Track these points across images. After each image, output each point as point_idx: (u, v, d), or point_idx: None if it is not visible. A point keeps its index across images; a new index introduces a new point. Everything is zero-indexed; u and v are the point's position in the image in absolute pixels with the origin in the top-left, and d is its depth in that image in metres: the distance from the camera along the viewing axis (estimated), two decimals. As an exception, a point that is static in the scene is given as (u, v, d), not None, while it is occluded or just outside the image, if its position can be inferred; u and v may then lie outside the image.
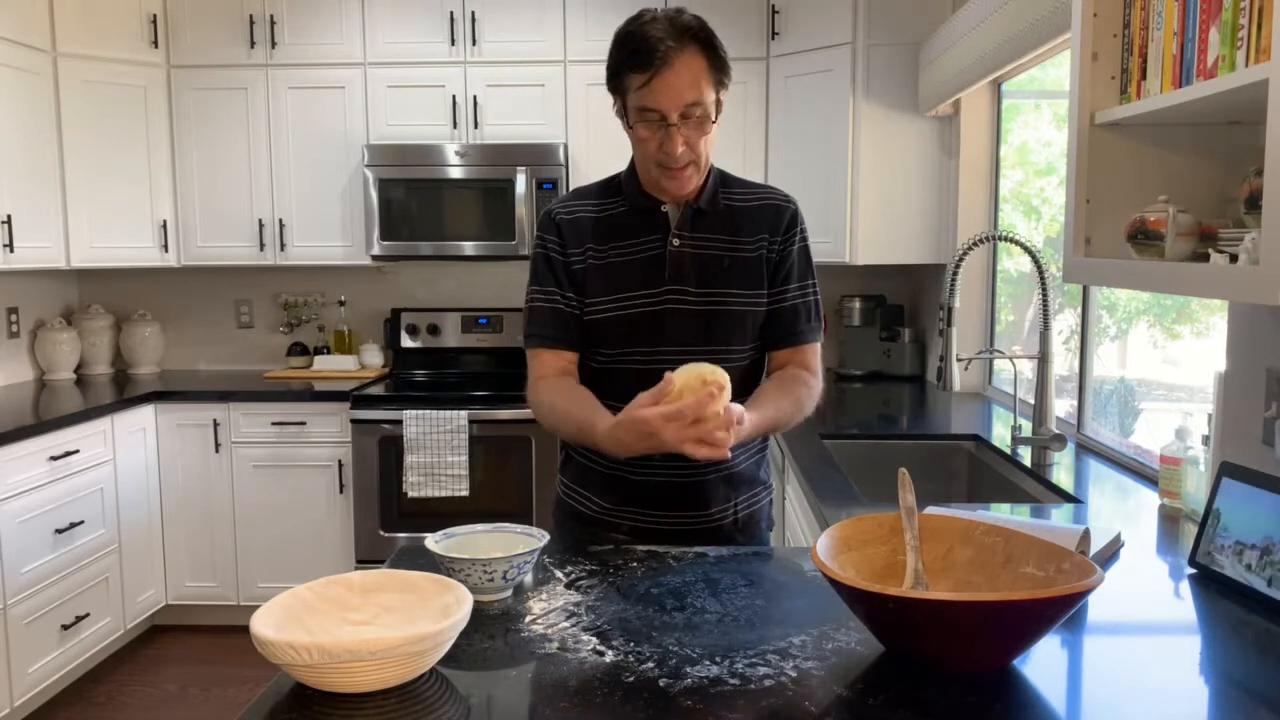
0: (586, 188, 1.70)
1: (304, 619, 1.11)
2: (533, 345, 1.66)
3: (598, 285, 1.61)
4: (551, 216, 1.66)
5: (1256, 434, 1.66)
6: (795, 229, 1.66)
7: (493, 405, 3.59)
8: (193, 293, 4.31)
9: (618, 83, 1.53)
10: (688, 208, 1.61)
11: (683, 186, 1.57)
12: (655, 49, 1.45)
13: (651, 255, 1.61)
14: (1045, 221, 3.22)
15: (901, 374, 3.81)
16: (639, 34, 1.48)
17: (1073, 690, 1.05)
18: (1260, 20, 1.19)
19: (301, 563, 3.72)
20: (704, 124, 1.51)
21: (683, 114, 1.49)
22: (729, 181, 1.68)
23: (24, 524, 2.98)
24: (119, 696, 3.26)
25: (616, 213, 1.64)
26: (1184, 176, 1.59)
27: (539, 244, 1.66)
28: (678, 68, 1.46)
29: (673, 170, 1.54)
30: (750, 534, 1.72)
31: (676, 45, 1.46)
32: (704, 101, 1.49)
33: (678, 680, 1.06)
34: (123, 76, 3.77)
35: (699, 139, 1.52)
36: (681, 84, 1.47)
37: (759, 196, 1.67)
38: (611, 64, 1.53)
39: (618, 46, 1.52)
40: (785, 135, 3.73)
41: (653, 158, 1.54)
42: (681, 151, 1.51)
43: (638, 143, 1.55)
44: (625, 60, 1.49)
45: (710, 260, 1.61)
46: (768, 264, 1.64)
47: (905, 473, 1.27)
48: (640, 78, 1.47)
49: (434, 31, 3.82)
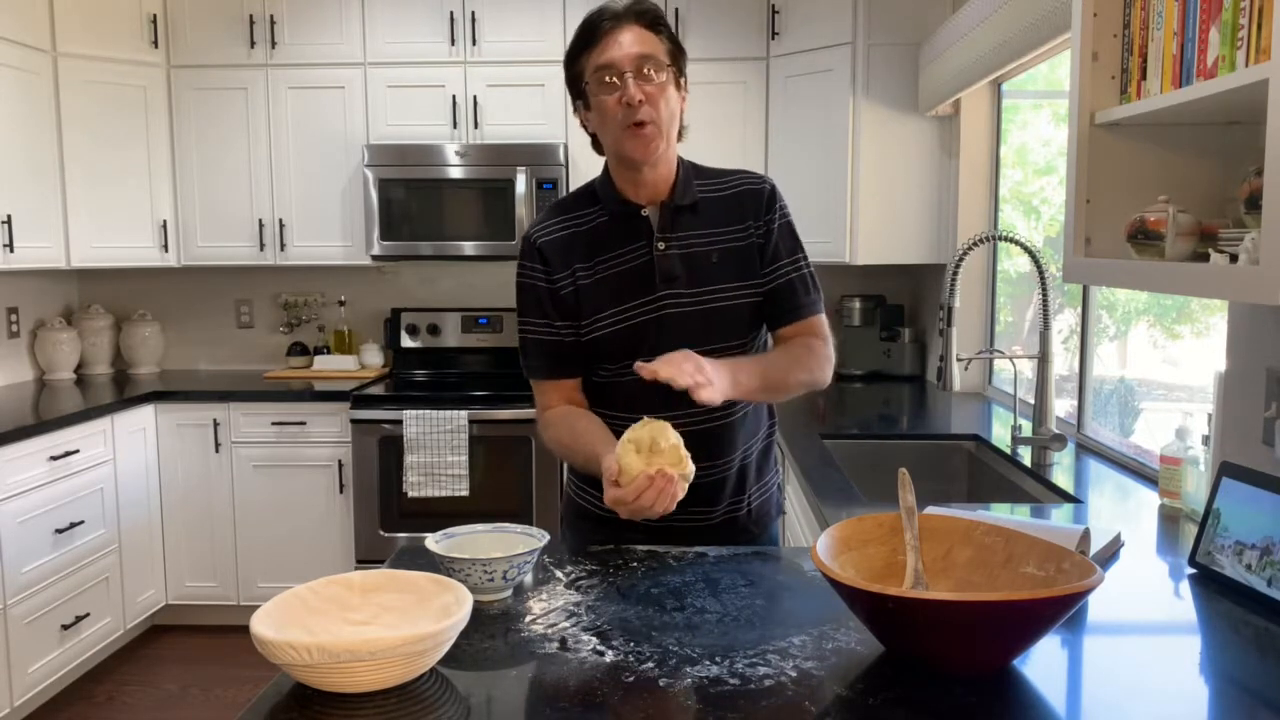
0: (561, 201, 1.69)
1: (304, 619, 1.11)
2: (534, 376, 1.67)
3: (592, 303, 1.60)
4: (532, 242, 1.64)
5: (1256, 434, 1.66)
6: (775, 207, 1.65)
7: (493, 405, 3.59)
8: (193, 293, 4.31)
9: (575, 69, 1.57)
10: (666, 208, 1.60)
11: (648, 150, 1.54)
12: (602, 19, 1.53)
13: (639, 263, 1.59)
14: (1045, 221, 3.22)
15: (901, 374, 3.81)
16: (588, 18, 1.56)
17: (1073, 690, 1.05)
18: (1260, 20, 1.19)
19: (301, 563, 3.72)
20: (660, 80, 1.52)
21: (637, 69, 1.50)
22: (701, 173, 1.67)
23: (24, 524, 2.98)
24: (119, 696, 3.26)
25: (597, 224, 1.63)
26: (1184, 176, 1.59)
27: (523, 273, 1.64)
28: (625, 31, 1.52)
29: (635, 128, 1.52)
30: (763, 524, 1.73)
31: (622, 18, 1.53)
32: (656, 55, 1.52)
33: (678, 680, 1.06)
34: (123, 76, 3.77)
35: (658, 94, 1.52)
36: (629, 40, 1.51)
37: (733, 183, 1.66)
38: (568, 56, 1.58)
39: (572, 40, 1.58)
40: (785, 135, 3.73)
41: (614, 118, 1.53)
42: (640, 100, 1.50)
43: (600, 113, 1.55)
44: (576, 43, 1.56)
45: (698, 258, 1.60)
46: (756, 250, 1.62)
47: (905, 473, 1.27)
48: (590, 49, 1.53)
49: (434, 31, 3.82)
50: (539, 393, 1.68)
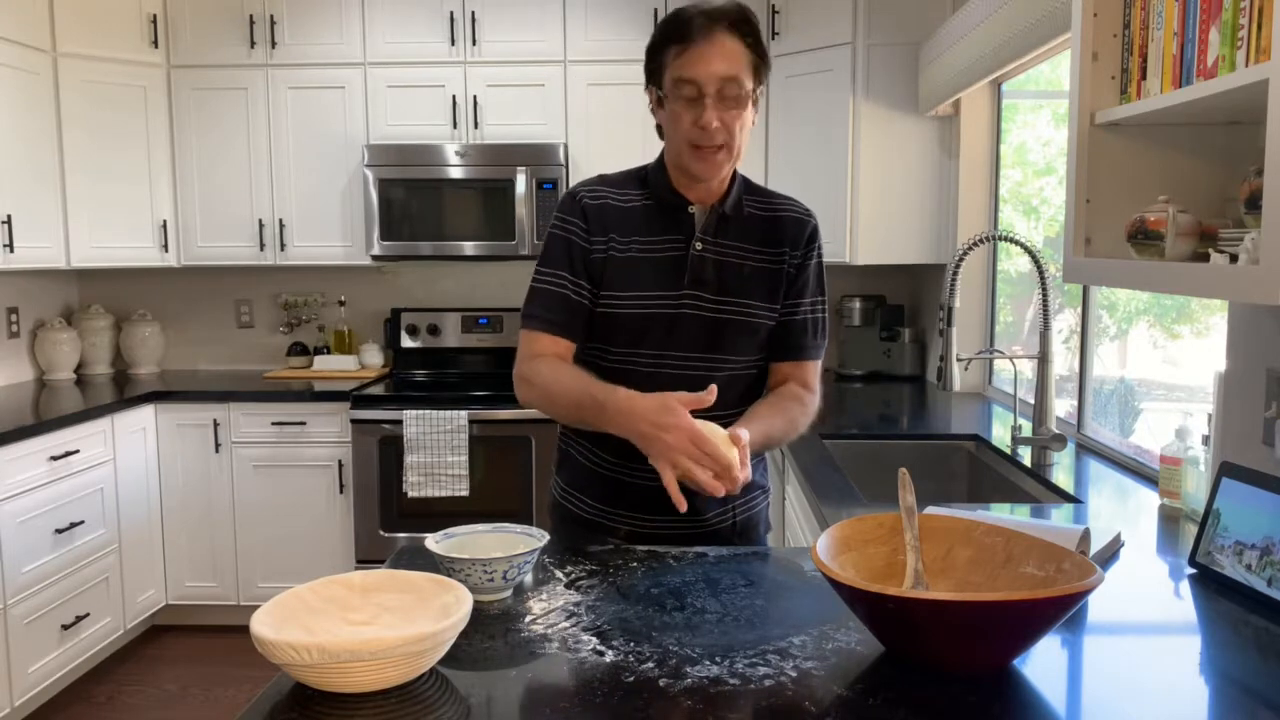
0: (611, 176, 1.66)
1: (304, 619, 1.11)
2: (533, 327, 1.60)
3: (616, 279, 1.58)
4: (577, 199, 1.61)
5: (1256, 434, 1.66)
6: (814, 245, 1.66)
7: (493, 405, 3.59)
8: (193, 293, 4.31)
9: (657, 61, 1.53)
10: (714, 211, 1.59)
11: (713, 170, 1.53)
12: (694, 21, 1.48)
13: (674, 256, 1.58)
14: (1045, 221, 3.22)
15: (901, 374, 3.81)
16: (681, 12, 1.51)
17: (1073, 690, 1.05)
18: (1260, 20, 1.19)
19: (301, 563, 3.72)
20: (740, 105, 1.50)
21: (719, 90, 1.48)
22: (752, 189, 1.66)
23: (24, 524, 2.98)
24: (119, 696, 3.26)
25: (643, 205, 1.61)
26: (1184, 176, 1.59)
27: (559, 224, 1.61)
28: (716, 42, 1.48)
29: (705, 150, 1.51)
30: (748, 538, 1.72)
31: (716, 23, 1.48)
32: (741, 80, 1.49)
33: (678, 680, 1.06)
34: (123, 76, 3.77)
35: (735, 120, 1.50)
36: (718, 56, 1.47)
37: (782, 208, 1.65)
38: (651, 44, 1.54)
39: (659, 27, 1.53)
40: (785, 135, 3.73)
41: (686, 135, 1.51)
42: (716, 127, 1.48)
43: (672, 121, 1.53)
44: (664, 33, 1.51)
45: (730, 267, 1.59)
46: (785, 278, 1.63)
47: (905, 473, 1.27)
48: (678, 48, 1.49)
49: (434, 31, 3.82)
50: (531, 342, 1.59)
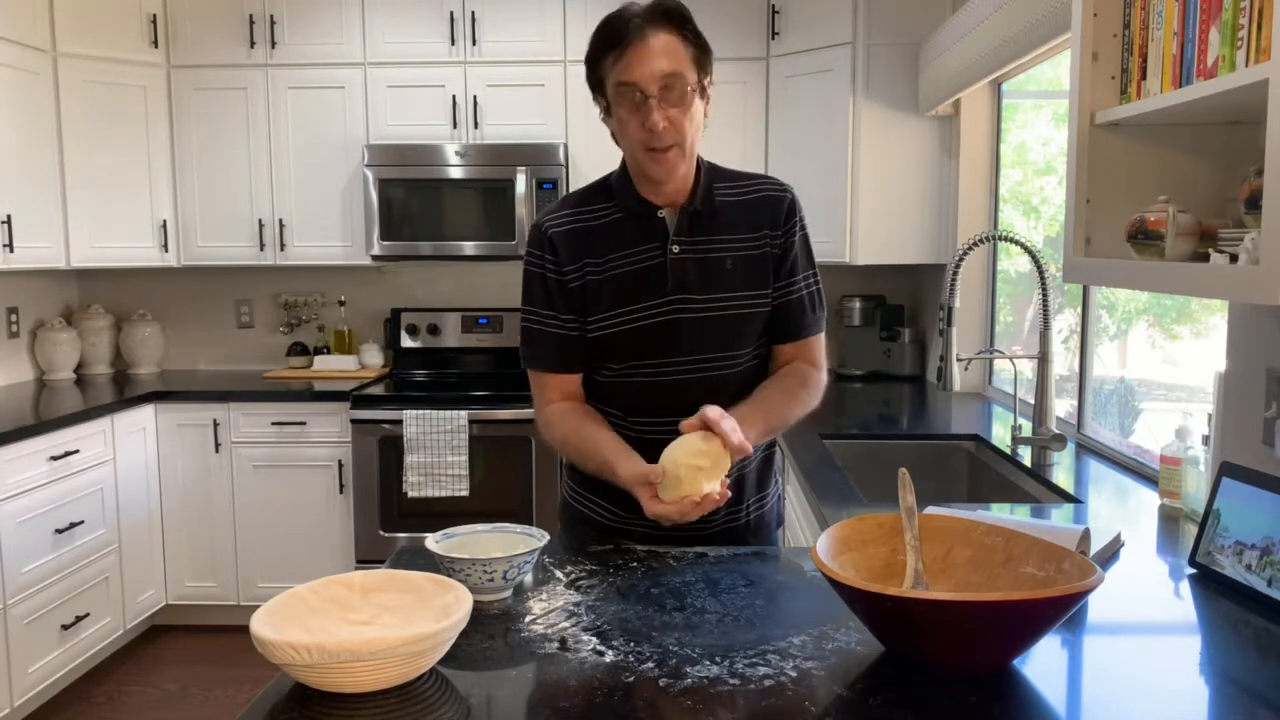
0: (574, 195, 1.65)
1: (304, 619, 1.11)
2: (537, 367, 1.63)
3: (599, 301, 1.57)
4: (543, 230, 1.60)
5: (1256, 434, 1.66)
6: (795, 218, 1.62)
7: (493, 405, 3.59)
8: (193, 293, 4.31)
9: (597, 72, 1.51)
10: (684, 211, 1.57)
11: (668, 171, 1.51)
12: (628, 24, 1.46)
13: (652, 265, 1.56)
14: (1045, 221, 3.22)
15: (901, 374, 3.81)
16: (612, 19, 1.49)
17: (1073, 690, 1.05)
18: (1260, 20, 1.19)
19: (301, 563, 3.72)
20: (685, 101, 1.48)
21: (662, 87, 1.46)
22: (720, 175, 1.63)
23: (24, 524, 2.98)
24: (119, 697, 3.26)
25: (611, 220, 1.59)
26: (1184, 176, 1.59)
27: (531, 260, 1.61)
28: (650, 41, 1.46)
29: (657, 152, 1.49)
30: (762, 535, 1.71)
31: (649, 22, 1.46)
32: (682, 73, 1.47)
33: (678, 680, 1.06)
34: (123, 76, 3.77)
35: (682, 117, 1.48)
36: (655, 55, 1.45)
37: (754, 188, 1.62)
38: (589, 55, 1.52)
39: (593, 37, 1.51)
40: (785, 135, 3.73)
41: (637, 140, 1.49)
42: (664, 128, 1.46)
43: (621, 128, 1.51)
44: (599, 42, 1.50)
45: (712, 264, 1.57)
46: (772, 260, 1.60)
47: (905, 473, 1.26)
48: (615, 54, 1.47)
49: (434, 31, 3.82)
50: (538, 385, 1.64)
